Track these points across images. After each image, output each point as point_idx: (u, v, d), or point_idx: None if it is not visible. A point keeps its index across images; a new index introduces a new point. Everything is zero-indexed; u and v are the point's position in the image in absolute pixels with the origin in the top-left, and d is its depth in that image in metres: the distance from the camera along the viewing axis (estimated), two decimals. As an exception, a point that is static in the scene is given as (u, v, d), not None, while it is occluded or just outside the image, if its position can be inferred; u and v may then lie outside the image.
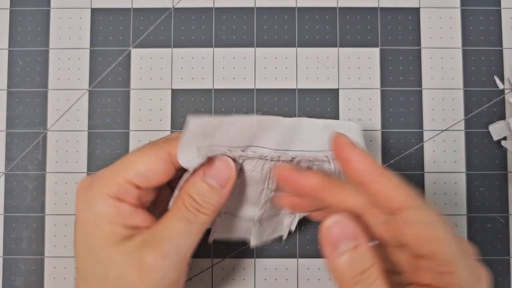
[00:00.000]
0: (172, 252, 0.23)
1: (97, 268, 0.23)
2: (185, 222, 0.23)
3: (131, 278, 0.23)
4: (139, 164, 0.24)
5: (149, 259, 0.23)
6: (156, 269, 0.23)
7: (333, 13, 0.33)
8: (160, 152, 0.24)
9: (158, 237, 0.23)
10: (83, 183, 0.25)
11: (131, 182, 0.24)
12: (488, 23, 0.33)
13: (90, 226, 0.24)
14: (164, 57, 0.33)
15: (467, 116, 0.33)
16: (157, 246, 0.23)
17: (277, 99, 0.33)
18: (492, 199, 0.32)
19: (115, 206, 0.24)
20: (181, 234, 0.23)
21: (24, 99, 0.33)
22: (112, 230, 0.23)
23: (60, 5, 0.34)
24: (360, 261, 0.20)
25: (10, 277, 0.32)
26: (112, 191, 0.24)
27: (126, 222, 0.24)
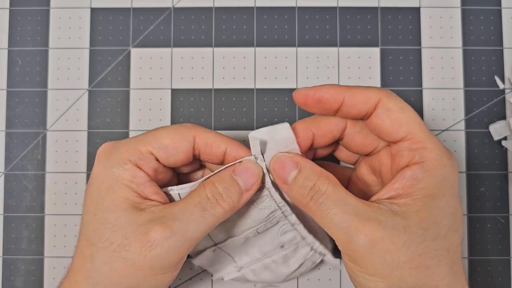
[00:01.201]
0: (179, 234, 0.23)
1: (104, 232, 0.24)
2: (201, 209, 0.24)
3: (132, 248, 0.23)
4: (164, 138, 0.25)
5: (154, 233, 0.23)
6: (158, 245, 0.23)
7: (333, 12, 0.33)
8: (187, 133, 0.25)
9: (169, 215, 0.23)
10: (105, 146, 0.26)
11: (152, 153, 0.25)
12: (488, 22, 0.33)
13: (105, 187, 0.24)
14: (164, 57, 0.33)
15: (468, 116, 0.33)
16: (165, 223, 0.23)
17: (277, 99, 0.33)
18: (492, 199, 0.32)
19: (132, 172, 0.24)
20: (193, 220, 0.23)
21: (24, 99, 0.33)
22: (125, 195, 0.24)
23: (60, 5, 0.34)
24: (306, 180, 0.23)
25: (10, 277, 0.32)
26: (133, 157, 0.24)
27: (140, 190, 0.24)
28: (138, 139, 0.25)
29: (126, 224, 0.23)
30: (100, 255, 0.23)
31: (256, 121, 0.33)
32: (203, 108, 0.33)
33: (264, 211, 0.27)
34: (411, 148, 0.23)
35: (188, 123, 0.26)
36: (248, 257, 0.29)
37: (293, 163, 0.24)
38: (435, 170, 0.22)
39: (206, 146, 0.25)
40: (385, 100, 0.23)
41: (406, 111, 0.23)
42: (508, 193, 0.32)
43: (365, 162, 0.27)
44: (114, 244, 0.23)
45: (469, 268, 0.32)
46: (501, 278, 0.32)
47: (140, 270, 0.23)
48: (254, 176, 0.25)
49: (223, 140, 0.26)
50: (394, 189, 0.23)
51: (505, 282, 0.32)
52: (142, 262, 0.23)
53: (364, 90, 0.24)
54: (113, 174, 0.24)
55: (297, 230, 0.27)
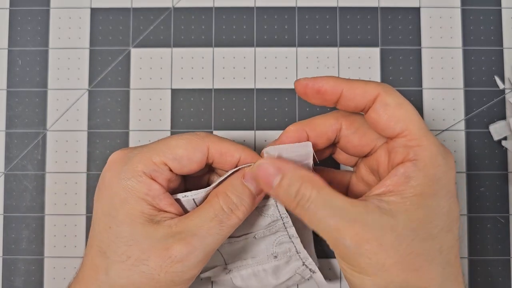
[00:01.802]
0: (199, 249, 0.23)
1: (119, 245, 0.24)
2: (218, 223, 0.24)
3: (151, 263, 0.23)
4: (179, 149, 0.25)
5: (176, 250, 0.23)
6: (180, 262, 0.23)
7: (333, 12, 0.33)
8: (200, 143, 0.25)
9: (187, 231, 0.23)
10: (117, 155, 0.25)
11: (166, 164, 0.25)
12: (488, 22, 0.33)
13: (119, 199, 0.24)
14: (164, 57, 0.33)
15: (468, 116, 0.33)
16: (185, 240, 0.23)
17: (277, 99, 0.33)
18: (492, 199, 0.32)
19: (147, 184, 0.24)
20: (211, 234, 0.24)
21: (24, 99, 0.33)
22: (140, 209, 0.24)
23: (60, 5, 0.34)
24: (290, 186, 0.23)
25: (10, 277, 0.32)
26: (147, 169, 0.24)
27: (155, 202, 0.24)
28: (151, 149, 0.25)
29: (143, 238, 0.23)
30: (117, 268, 0.23)
31: (256, 121, 0.33)
32: (203, 108, 0.33)
33: (266, 218, 0.27)
34: (406, 145, 0.23)
35: (201, 132, 0.26)
36: (239, 261, 0.29)
37: (276, 169, 0.23)
38: (428, 169, 0.22)
39: (220, 155, 0.25)
40: (383, 94, 0.23)
41: (404, 107, 0.23)
42: (508, 193, 0.32)
43: (363, 163, 0.27)
44: (132, 258, 0.23)
45: (469, 268, 0.32)
46: (501, 278, 0.32)
47: (160, 282, 0.23)
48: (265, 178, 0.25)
49: (237, 148, 0.26)
50: (385, 185, 0.23)
51: (505, 282, 0.32)
52: (163, 276, 0.23)
53: (363, 83, 0.24)
54: (127, 187, 0.24)
55: (293, 243, 0.28)
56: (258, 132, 0.33)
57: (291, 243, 0.28)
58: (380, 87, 0.24)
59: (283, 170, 0.23)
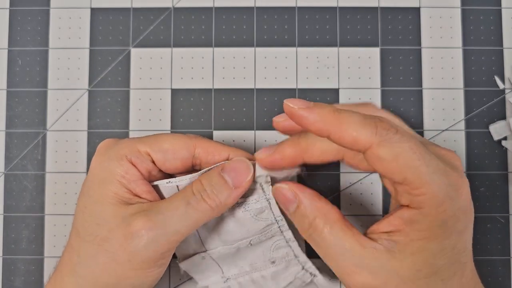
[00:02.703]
0: (160, 227, 0.23)
1: (90, 225, 0.24)
2: (184, 203, 0.24)
3: (114, 241, 0.23)
4: (165, 142, 0.25)
5: (135, 224, 0.23)
6: (138, 236, 0.23)
7: (333, 12, 0.33)
8: (188, 141, 0.25)
9: (154, 210, 0.24)
10: (105, 142, 0.26)
11: (149, 155, 0.25)
12: (488, 22, 0.33)
13: (98, 181, 0.25)
14: (164, 57, 0.33)
15: (468, 116, 0.33)
16: (148, 216, 0.23)
17: (277, 99, 0.33)
18: (492, 199, 0.32)
19: (125, 167, 0.25)
20: (176, 214, 0.23)
21: (24, 99, 0.33)
22: (115, 190, 0.24)
23: (60, 5, 0.34)
24: (303, 218, 0.23)
25: (10, 277, 0.32)
26: (129, 154, 0.25)
27: (130, 186, 0.25)
28: (139, 140, 0.26)
29: (111, 217, 0.23)
30: (86, 248, 0.24)
31: (256, 121, 0.33)
32: (203, 108, 0.33)
33: (260, 222, 0.26)
34: (409, 192, 0.22)
35: (192, 134, 0.26)
36: (236, 269, 0.28)
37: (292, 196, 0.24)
38: (434, 216, 0.21)
39: (207, 154, 0.26)
40: (375, 148, 0.21)
41: (401, 157, 0.21)
42: (508, 193, 0.32)
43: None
44: (99, 237, 0.23)
45: (469, 268, 0.32)
46: (501, 278, 0.32)
47: (120, 264, 0.23)
48: (244, 173, 0.25)
49: (225, 148, 0.26)
50: (392, 225, 0.22)
51: (505, 282, 0.32)
52: (121, 255, 0.23)
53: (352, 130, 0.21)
54: (107, 168, 0.25)
55: (291, 247, 0.27)
56: (258, 132, 0.33)
57: (289, 247, 0.27)
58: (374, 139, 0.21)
59: (300, 198, 0.24)
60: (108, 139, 0.27)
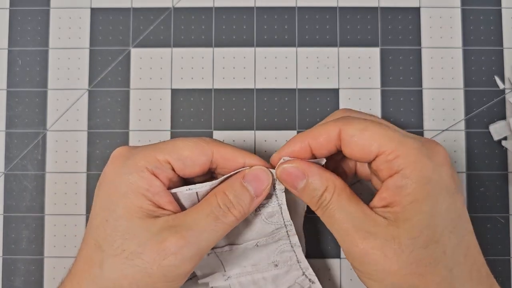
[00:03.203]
0: (194, 243, 0.23)
1: (115, 239, 0.24)
2: (213, 219, 0.24)
3: (146, 257, 0.23)
4: (184, 150, 0.25)
5: (169, 242, 0.23)
6: (173, 254, 0.23)
7: (333, 12, 0.33)
8: (206, 147, 0.25)
9: (183, 225, 0.24)
10: (120, 151, 0.26)
11: (169, 163, 0.25)
12: (488, 22, 0.33)
13: (119, 194, 0.24)
14: (164, 57, 0.33)
15: (468, 116, 0.33)
16: (180, 233, 0.23)
17: (277, 99, 0.33)
18: (492, 199, 0.32)
19: (148, 180, 0.24)
20: (206, 230, 0.24)
21: (24, 99, 0.33)
22: (139, 204, 0.24)
23: (60, 5, 0.34)
24: (314, 191, 0.24)
25: (10, 277, 0.32)
26: (150, 165, 0.24)
27: (154, 198, 0.24)
28: (156, 147, 0.25)
29: (140, 232, 0.23)
30: (111, 261, 0.23)
31: (256, 121, 0.33)
32: (203, 108, 0.33)
33: (270, 226, 0.27)
34: (386, 160, 0.23)
35: (207, 138, 0.27)
36: (239, 268, 0.28)
37: (301, 173, 0.25)
38: (415, 174, 0.22)
39: (224, 160, 0.26)
40: (344, 129, 0.24)
41: (369, 129, 0.23)
42: (508, 193, 0.32)
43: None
44: (127, 251, 0.23)
45: (469, 268, 0.32)
46: (501, 278, 0.32)
47: (152, 277, 0.23)
48: (264, 182, 0.25)
49: (241, 154, 0.26)
50: (383, 198, 0.23)
51: (505, 282, 0.32)
52: (155, 270, 0.23)
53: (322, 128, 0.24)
54: (128, 181, 0.24)
55: (295, 252, 0.28)
56: (258, 132, 0.33)
57: (293, 251, 0.28)
58: (339, 123, 0.24)
59: (308, 173, 0.25)
60: (121, 148, 0.26)
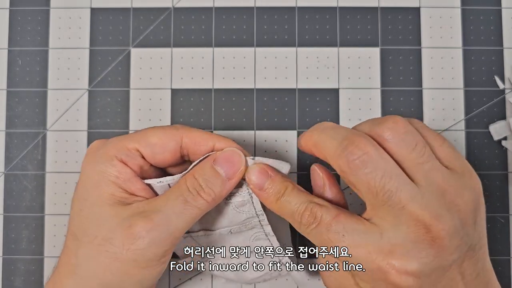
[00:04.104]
0: (161, 226, 0.23)
1: (89, 226, 0.24)
2: (182, 202, 0.24)
3: (116, 241, 0.23)
4: (152, 137, 0.25)
5: (136, 225, 0.23)
6: (141, 237, 0.23)
7: (333, 12, 0.33)
8: (174, 132, 0.26)
9: (152, 209, 0.24)
10: (94, 144, 0.26)
11: (138, 150, 0.25)
12: (488, 23, 0.33)
13: (91, 183, 0.25)
14: (164, 57, 0.33)
15: (468, 116, 0.33)
16: (148, 217, 0.23)
17: (277, 99, 0.33)
18: (492, 199, 0.32)
19: (119, 167, 0.25)
20: (175, 212, 0.24)
21: (24, 99, 0.33)
22: (111, 191, 0.24)
23: (60, 5, 0.34)
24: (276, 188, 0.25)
25: (10, 277, 0.32)
26: (119, 154, 0.25)
27: (126, 186, 0.25)
28: (126, 137, 0.26)
29: (110, 217, 0.24)
30: (85, 249, 0.24)
31: (256, 121, 0.33)
32: (203, 108, 0.33)
33: (242, 215, 0.27)
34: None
35: (177, 124, 0.27)
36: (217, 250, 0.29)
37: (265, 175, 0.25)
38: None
39: (194, 145, 0.26)
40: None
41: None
42: (508, 193, 0.32)
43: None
44: (99, 237, 0.23)
45: (469, 268, 0.32)
46: (501, 278, 0.32)
47: (123, 262, 0.23)
48: (236, 164, 0.25)
49: (211, 137, 0.26)
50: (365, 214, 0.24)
51: (505, 282, 0.32)
52: (125, 254, 0.23)
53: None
54: (99, 170, 0.25)
55: (270, 240, 0.28)
56: (258, 132, 0.33)
57: (267, 240, 0.28)
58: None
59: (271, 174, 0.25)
60: (97, 140, 0.27)
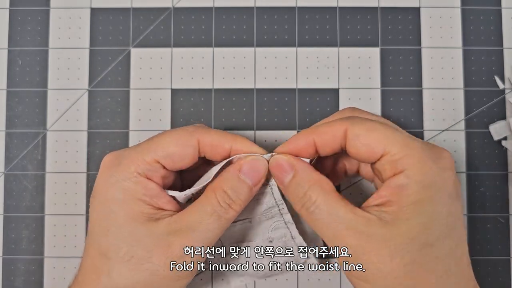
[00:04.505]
0: (199, 243, 0.24)
1: (121, 246, 0.24)
2: (216, 218, 0.24)
3: (156, 260, 0.23)
4: (170, 146, 0.25)
5: (176, 246, 0.23)
6: (181, 257, 0.23)
7: (333, 12, 0.33)
8: (190, 138, 0.25)
9: (187, 226, 0.24)
10: (108, 158, 0.26)
11: (158, 162, 0.25)
12: (488, 23, 0.33)
13: (117, 202, 0.24)
14: (164, 57, 0.33)
15: (468, 116, 0.33)
16: (186, 236, 0.23)
17: (277, 99, 0.33)
18: (492, 199, 0.32)
19: (143, 184, 0.24)
20: (210, 229, 0.24)
21: (24, 99, 0.33)
22: (139, 209, 0.24)
23: (60, 5, 0.34)
24: (298, 186, 0.24)
25: (10, 277, 0.32)
26: (141, 169, 0.24)
27: (153, 201, 0.25)
28: (142, 149, 0.25)
29: (144, 236, 0.24)
30: (119, 268, 0.24)
31: (256, 121, 0.33)
32: (203, 108, 0.33)
33: (262, 205, 0.27)
34: (391, 160, 0.23)
35: (190, 126, 0.26)
36: (236, 243, 0.29)
37: (289, 166, 0.25)
38: (418, 176, 0.22)
39: (211, 147, 0.26)
40: (351, 128, 0.24)
41: (376, 131, 0.23)
42: (508, 193, 0.32)
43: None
44: (135, 257, 0.23)
45: (469, 268, 0.32)
46: (501, 278, 0.32)
47: (165, 278, 0.24)
48: (261, 171, 0.25)
49: (227, 139, 0.26)
50: (382, 196, 0.23)
51: (505, 282, 0.32)
52: (168, 272, 0.23)
53: (328, 126, 0.24)
54: (123, 188, 0.24)
55: (289, 229, 0.28)
56: (258, 132, 0.33)
57: (287, 229, 0.28)
58: (346, 122, 0.24)
59: (296, 168, 0.25)
60: (109, 155, 0.26)
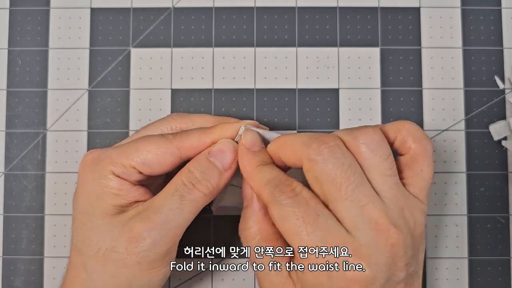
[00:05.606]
0: (161, 225, 0.23)
1: (92, 239, 0.24)
2: (178, 197, 0.24)
3: (120, 248, 0.23)
4: (147, 153, 0.24)
5: (136, 228, 0.23)
6: (142, 239, 0.23)
7: (333, 12, 0.33)
8: (170, 146, 0.25)
9: (150, 209, 0.24)
10: (90, 155, 0.26)
11: (135, 168, 0.25)
12: (488, 22, 0.33)
13: (94, 196, 0.25)
14: (164, 57, 0.33)
15: (468, 116, 0.33)
16: (146, 217, 0.23)
17: (277, 99, 0.33)
18: (492, 199, 0.32)
19: (119, 182, 0.25)
20: (172, 209, 0.23)
21: (24, 99, 0.33)
22: (113, 202, 0.24)
23: (60, 5, 0.34)
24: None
25: (10, 277, 0.32)
26: (117, 170, 0.25)
27: (128, 196, 0.25)
28: (122, 152, 0.25)
29: (113, 226, 0.24)
30: (91, 262, 0.24)
31: (256, 121, 0.33)
32: (203, 108, 0.33)
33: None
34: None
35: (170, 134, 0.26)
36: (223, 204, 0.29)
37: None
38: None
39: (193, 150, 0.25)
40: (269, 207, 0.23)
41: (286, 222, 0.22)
42: (508, 193, 0.32)
43: None
44: (103, 248, 0.23)
45: (469, 268, 0.32)
46: (501, 278, 0.32)
47: (130, 268, 0.23)
48: (231, 154, 0.25)
49: (207, 135, 0.25)
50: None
51: (505, 282, 0.32)
52: (130, 259, 0.23)
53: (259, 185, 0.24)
54: (102, 184, 0.24)
55: None
56: (258, 132, 0.33)
57: None
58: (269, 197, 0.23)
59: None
60: (91, 152, 0.26)
